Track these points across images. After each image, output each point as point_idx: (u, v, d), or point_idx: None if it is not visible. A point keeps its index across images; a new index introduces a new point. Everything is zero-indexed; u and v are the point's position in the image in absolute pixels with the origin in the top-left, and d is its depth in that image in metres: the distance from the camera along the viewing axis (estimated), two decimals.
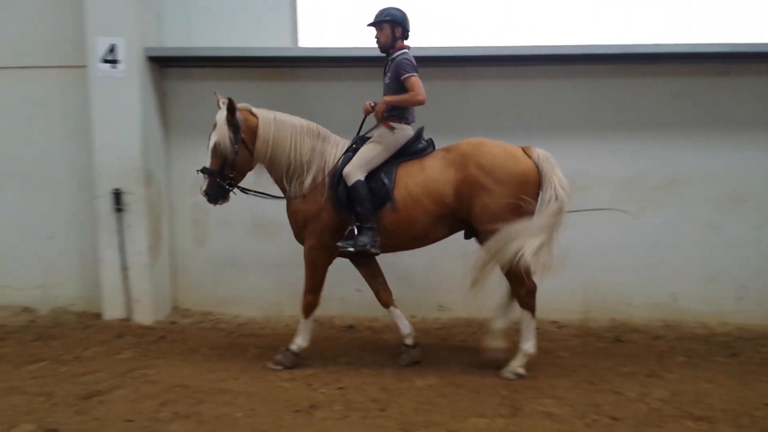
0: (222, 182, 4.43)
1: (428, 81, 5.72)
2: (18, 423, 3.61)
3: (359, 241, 4.29)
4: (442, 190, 4.33)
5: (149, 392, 4.05)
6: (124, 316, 5.62)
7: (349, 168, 4.37)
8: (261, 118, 4.48)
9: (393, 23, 4.48)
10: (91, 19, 5.29)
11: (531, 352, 4.42)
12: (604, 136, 5.76)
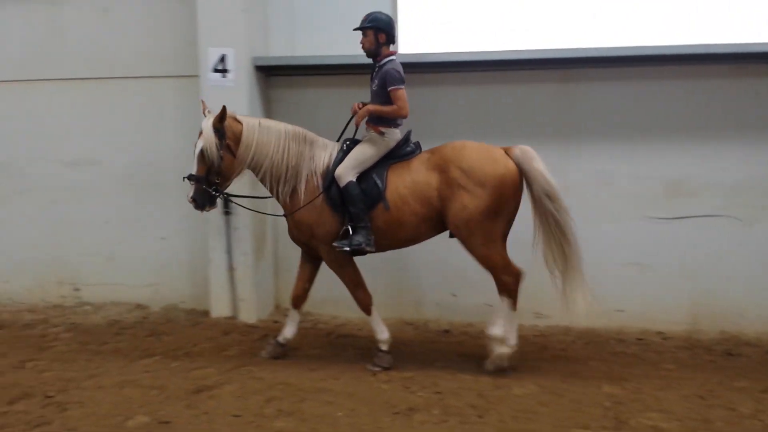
0: (208, 188, 4.52)
1: (526, 84, 5.64)
2: (133, 415, 3.83)
3: (354, 241, 4.43)
4: (427, 192, 4.47)
5: (255, 388, 4.21)
6: (230, 315, 5.86)
7: (341, 170, 4.50)
8: (245, 124, 4.59)
9: (376, 29, 4.54)
10: (203, 31, 5.57)
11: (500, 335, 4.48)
12: (713, 138, 5.49)
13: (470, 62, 5.56)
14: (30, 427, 3.67)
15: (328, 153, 4.68)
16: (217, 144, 4.42)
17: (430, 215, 4.50)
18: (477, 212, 4.34)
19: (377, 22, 4.53)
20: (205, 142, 4.42)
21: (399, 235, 4.59)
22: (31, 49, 6.26)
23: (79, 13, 6.14)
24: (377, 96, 4.59)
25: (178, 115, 6.10)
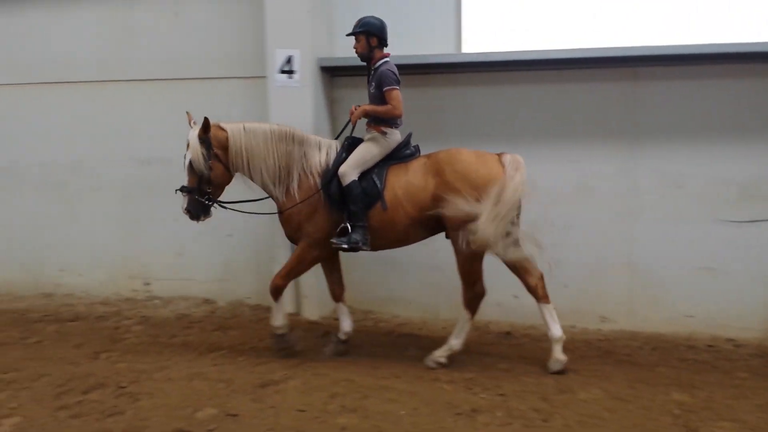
0: (201, 198, 4.58)
1: (593, 82, 5.53)
2: (202, 407, 3.94)
3: (352, 239, 4.50)
4: (421, 196, 4.54)
5: (319, 384, 4.27)
6: (294, 311, 5.96)
7: (345, 168, 4.55)
8: (229, 130, 4.64)
9: (368, 34, 4.65)
10: (271, 33, 5.68)
11: (457, 348, 4.68)
12: None
13: (534, 61, 5.50)
14: (104, 416, 3.82)
15: (324, 152, 4.75)
16: (204, 154, 4.50)
17: (421, 218, 4.57)
18: (471, 215, 4.38)
19: (368, 26, 4.66)
20: (192, 153, 4.50)
21: (391, 235, 4.67)
22: (105, 51, 6.51)
23: (151, 16, 6.36)
24: (375, 98, 4.68)
25: (245, 116, 6.19)
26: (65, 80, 6.54)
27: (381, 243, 4.72)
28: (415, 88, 5.85)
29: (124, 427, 3.67)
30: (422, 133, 5.81)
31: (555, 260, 5.63)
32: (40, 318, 6.00)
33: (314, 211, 4.64)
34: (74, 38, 6.54)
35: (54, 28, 6.58)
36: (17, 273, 6.82)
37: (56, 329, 5.63)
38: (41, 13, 6.58)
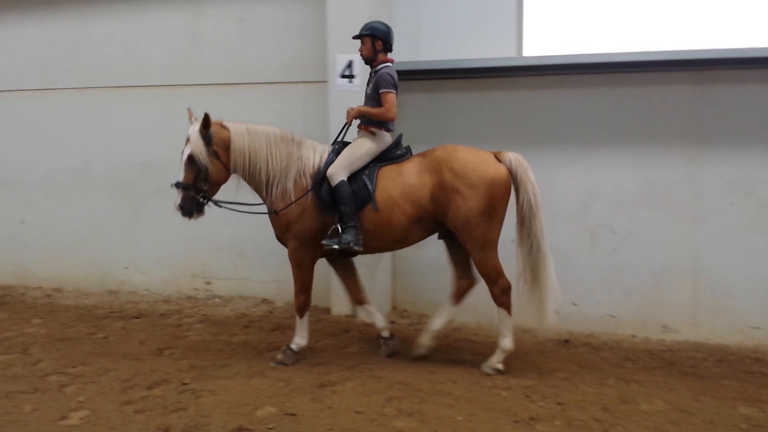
0: (196, 196, 4.57)
1: (657, 86, 5.42)
2: (262, 405, 4.00)
3: (343, 239, 4.49)
4: (419, 194, 4.56)
5: (375, 387, 4.29)
6: (350, 313, 6.02)
7: (333, 169, 4.58)
8: (233, 130, 4.64)
9: (374, 37, 4.73)
10: (332, 38, 5.76)
11: (509, 347, 4.63)
12: None
13: (597, 64, 5.41)
14: (167, 412, 3.93)
15: (318, 155, 4.78)
16: (205, 151, 4.50)
17: (421, 216, 4.60)
18: (472, 214, 4.45)
19: (374, 30, 4.74)
20: (194, 148, 4.47)
21: (387, 236, 4.67)
22: (171, 57, 6.71)
23: (217, 22, 6.52)
24: (371, 99, 4.75)
25: (306, 119, 6.34)
26: (135, 84, 6.77)
27: (377, 244, 4.74)
28: (475, 92, 5.85)
29: (188, 423, 3.76)
30: (480, 136, 5.83)
31: (616, 267, 5.58)
32: (106, 314, 6.21)
33: (303, 212, 4.65)
34: (144, 44, 6.77)
35: (125, 34, 6.82)
36: (85, 270, 7.08)
37: (122, 326, 5.82)
38: (113, 20, 6.84)
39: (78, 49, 6.98)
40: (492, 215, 4.49)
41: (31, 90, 7.14)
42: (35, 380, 4.46)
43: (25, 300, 6.83)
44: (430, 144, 5.18)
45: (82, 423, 3.80)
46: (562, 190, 5.69)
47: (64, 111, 6.96)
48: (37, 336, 5.51)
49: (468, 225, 4.47)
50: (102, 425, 3.76)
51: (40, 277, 7.27)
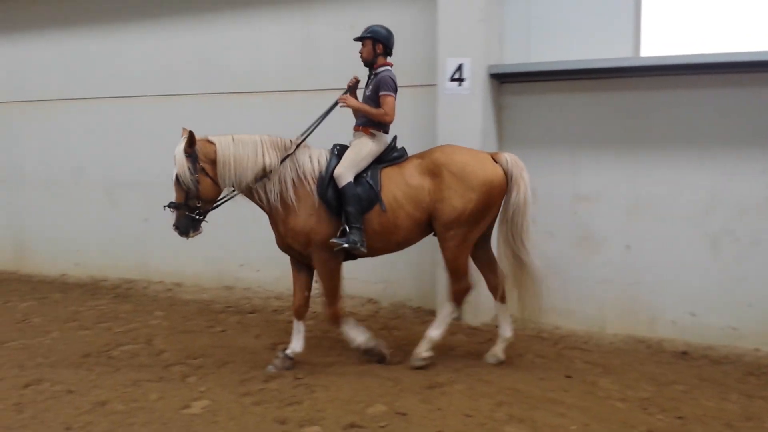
0: (191, 214, 4.50)
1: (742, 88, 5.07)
2: (373, 403, 4.09)
3: (350, 239, 4.45)
4: (420, 196, 4.58)
5: (484, 391, 4.28)
6: (455, 316, 5.99)
7: (340, 170, 4.54)
8: (218, 143, 4.55)
9: (375, 40, 4.74)
10: (442, 41, 5.77)
11: (436, 338, 4.76)
12: None
13: (720, 64, 5.13)
14: (283, 405, 4.08)
15: (315, 158, 4.71)
16: (190, 168, 4.41)
17: (423, 218, 4.62)
18: (465, 214, 4.52)
19: (375, 33, 4.76)
20: (178, 168, 4.42)
21: (392, 238, 4.66)
22: (286, 63, 6.95)
23: (329, 29, 6.69)
24: (370, 100, 4.74)
25: (413, 123, 6.38)
26: (251, 90, 7.06)
27: (382, 246, 4.73)
28: (590, 93, 5.71)
29: (303, 417, 3.90)
30: (595, 138, 5.69)
31: (739, 277, 5.29)
32: (223, 309, 6.52)
33: (319, 220, 4.59)
34: (260, 51, 7.04)
35: (243, 42, 7.13)
36: (203, 266, 7.45)
37: (237, 320, 6.10)
38: (232, 29, 7.16)
39: (198, 57, 7.36)
40: (481, 216, 4.60)
41: (155, 96, 7.60)
42: (159, 370, 4.76)
43: (148, 293, 7.27)
44: (546, 147, 5.14)
45: (204, 412, 4.01)
46: (682, 195, 5.45)
47: (184, 116, 7.33)
48: (160, 328, 5.86)
49: (455, 223, 4.54)
50: (222, 415, 3.95)
51: (161, 271, 7.72)
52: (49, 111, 8.29)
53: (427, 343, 4.77)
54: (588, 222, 5.83)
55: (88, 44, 7.97)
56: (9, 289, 7.51)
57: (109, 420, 3.88)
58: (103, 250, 7.99)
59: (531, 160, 5.96)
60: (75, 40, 8.05)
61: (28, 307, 6.65)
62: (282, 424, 3.81)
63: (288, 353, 4.78)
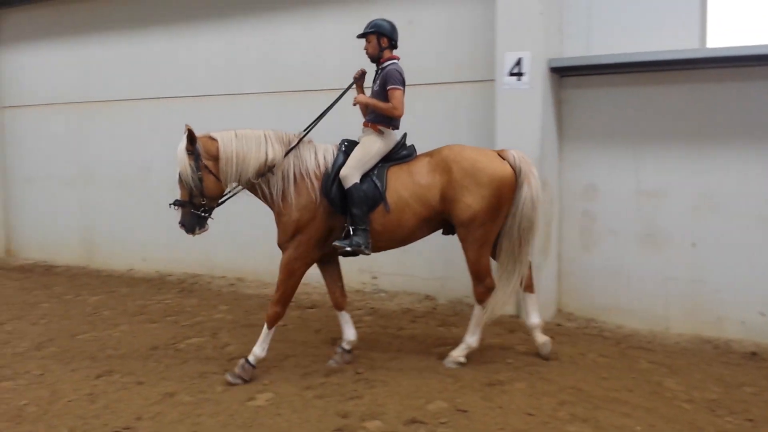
0: (196, 211, 4.46)
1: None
2: (433, 399, 4.11)
3: (354, 241, 4.40)
4: (429, 195, 4.54)
5: (545, 390, 4.24)
6: (514, 314, 5.97)
7: (347, 170, 4.46)
8: (221, 139, 4.49)
9: (379, 35, 4.68)
10: (501, 36, 5.73)
11: (474, 345, 4.74)
12: None
13: None
14: (344, 399, 4.14)
15: (321, 153, 4.65)
16: (192, 166, 4.37)
17: (430, 216, 4.59)
18: (481, 212, 4.47)
19: (379, 27, 4.68)
20: (180, 166, 4.41)
21: (395, 236, 4.63)
22: (344, 60, 6.98)
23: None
24: (377, 95, 4.68)
25: (472, 119, 6.37)
26: (311, 89, 7.15)
27: (384, 244, 4.69)
28: (655, 86, 5.58)
29: (364, 411, 3.95)
30: (660, 131, 5.56)
31: None
32: None
33: (313, 218, 4.52)
34: (320, 49, 7.13)
35: (304, 40, 7.22)
36: (263, 262, 7.59)
37: (298, 315, 6.20)
38: (294, 27, 7.27)
39: (263, 56, 7.49)
40: (497, 214, 4.55)
41: (220, 95, 7.79)
42: (224, 362, 4.89)
43: (212, 288, 7.47)
44: (608, 142, 5.03)
45: (268, 404, 4.11)
46: (751, 191, 5.27)
47: (248, 115, 7.49)
48: (224, 321, 6.01)
49: (474, 222, 4.49)
50: (286, 408, 4.04)
51: (224, 267, 7.92)
52: (118, 111, 8.60)
53: (464, 348, 4.76)
54: (652, 219, 5.70)
55: (155, 45, 8.23)
56: (80, 283, 7.83)
57: (178, 411, 4.02)
58: (168, 245, 8.23)
59: (592, 154, 5.91)
60: (143, 41, 8.32)
61: (98, 300, 6.92)
62: (344, 418, 3.87)
63: (344, 346, 4.83)
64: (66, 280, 8.02)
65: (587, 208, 6.00)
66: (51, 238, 9.17)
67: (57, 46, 9.01)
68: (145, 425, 3.84)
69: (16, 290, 7.43)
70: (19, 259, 9.45)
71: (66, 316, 6.26)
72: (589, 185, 5.96)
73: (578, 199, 6.03)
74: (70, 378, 4.61)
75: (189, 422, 3.86)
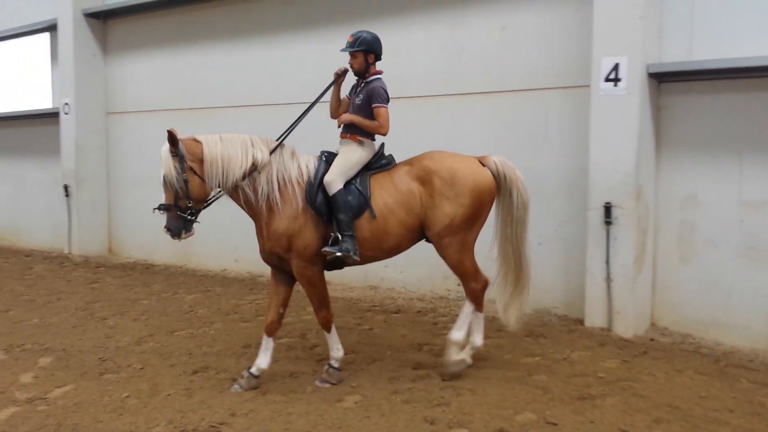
0: (183, 214, 4.37)
1: None
2: (521, 410, 4.06)
3: (344, 247, 4.36)
4: (412, 202, 4.53)
5: (639, 406, 4.11)
6: (605, 326, 5.79)
7: (330, 177, 4.44)
8: (205, 141, 4.44)
9: (366, 52, 4.64)
10: (598, 41, 5.61)
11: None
12: None
13: None
14: (431, 405, 4.15)
15: (303, 163, 4.59)
16: (177, 168, 4.32)
17: (415, 224, 4.57)
18: (458, 220, 4.49)
19: (366, 44, 4.63)
20: (165, 169, 4.34)
21: (383, 246, 4.59)
22: (433, 68, 7.03)
23: (479, 32, 6.70)
24: (360, 110, 4.64)
25: (563, 125, 6.26)
26: (397, 96, 7.16)
27: (373, 254, 4.64)
28: (762, 92, 5.31)
29: (451, 419, 3.94)
30: (765, 142, 5.28)
31: None
32: (369, 308, 6.71)
33: (303, 226, 4.46)
34: (406, 57, 7.15)
35: (389, 48, 7.25)
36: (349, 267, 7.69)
37: (383, 319, 6.26)
38: (382, 36, 7.30)
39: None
40: (475, 220, 4.58)
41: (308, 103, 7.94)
42: (314, 363, 5.00)
43: (300, 290, 7.58)
44: (709, 150, 4.82)
45: (356, 407, 4.17)
46: None
47: (333, 121, 7.60)
48: (312, 323, 6.12)
49: (450, 229, 4.51)
50: (374, 411, 4.08)
51: None
52: (215, 117, 8.92)
53: (452, 347, 4.66)
54: (755, 231, 5.43)
55: (253, 53, 8.50)
56: (177, 282, 8.19)
57: (270, 408, 4.13)
58: None
59: (692, 163, 5.69)
60: (241, 49, 8.61)
61: (193, 299, 7.22)
62: (431, 425, 3.87)
63: (253, 371, 4.56)
64: (164, 278, 8.41)
65: (686, 219, 5.78)
66: (150, 238, 9.62)
67: (158, 55, 9.49)
68: (240, 421, 3.96)
69: (117, 287, 7.84)
70: (121, 257, 9.97)
71: (164, 314, 6.56)
72: (688, 195, 5.73)
73: (676, 209, 5.82)
74: (168, 373, 4.83)
75: (281, 420, 3.97)
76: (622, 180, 5.57)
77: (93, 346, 5.47)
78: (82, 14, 9.72)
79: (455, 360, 4.63)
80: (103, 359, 5.14)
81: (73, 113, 9.77)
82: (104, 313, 6.60)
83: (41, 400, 4.31)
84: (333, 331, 4.68)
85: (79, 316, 6.48)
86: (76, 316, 6.44)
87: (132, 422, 3.99)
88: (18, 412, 4.13)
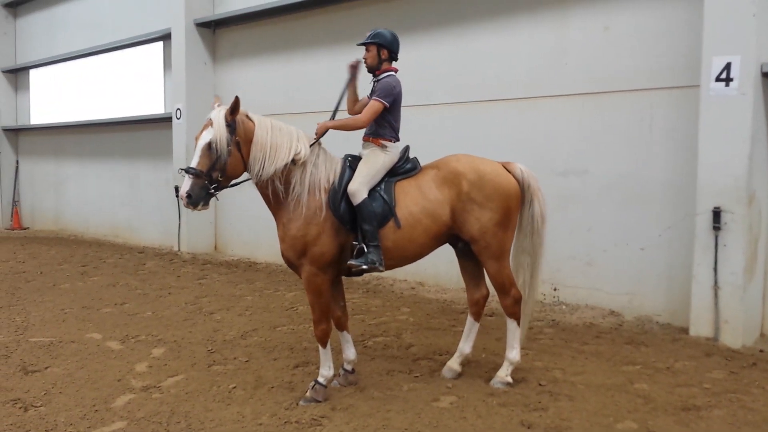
0: (209, 185, 4.19)
1: None
2: (622, 419, 3.98)
3: (369, 258, 4.23)
4: (440, 210, 4.43)
5: (748, 419, 3.95)
6: (711, 336, 5.56)
7: (355, 186, 4.29)
8: (257, 122, 4.30)
9: (379, 45, 4.52)
10: (709, 40, 5.41)
11: (516, 359, 4.60)
12: None
13: None
14: (528, 410, 4.14)
15: (332, 168, 4.44)
16: (227, 138, 4.13)
17: (441, 231, 4.48)
18: (491, 224, 4.41)
19: (380, 38, 4.53)
20: (215, 134, 4.11)
21: (406, 253, 4.49)
22: (535, 69, 6.95)
23: (582, 33, 6.58)
24: None
25: (668, 127, 6.06)
26: (498, 98, 7.19)
27: (394, 262, 4.52)
28: None
29: (549, 424, 3.92)
30: None
31: None
32: (463, 310, 6.70)
33: (321, 233, 4.29)
34: (509, 58, 7.13)
35: (492, 49, 7.26)
36: (444, 268, 7.73)
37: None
38: (484, 36, 7.33)
39: (453, 66, 7.61)
40: (507, 225, 4.49)
41: (412, 106, 8.04)
42: (409, 362, 5.09)
43: (394, 290, 7.76)
44: None
45: (452, 407, 4.22)
46: None
47: (436, 125, 7.67)
48: (407, 323, 6.24)
49: (485, 235, 4.42)
50: (470, 412, 4.12)
51: (405, 270, 8.11)
52: (319, 120, 9.13)
53: (508, 366, 4.60)
54: None
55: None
56: (278, 279, 8.51)
57: (368, 405, 4.25)
58: None
59: None
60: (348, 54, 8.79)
61: (293, 296, 7.47)
62: (528, 429, 3.87)
63: (346, 367, 4.69)
64: (265, 276, 8.75)
65: None
66: (252, 237, 10.03)
67: (264, 62, 9.87)
68: (340, 416, 4.10)
69: (223, 284, 8.23)
70: (225, 255, 10.45)
71: (267, 309, 6.84)
72: None
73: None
74: (272, 366, 5.05)
75: (379, 416, 4.07)
76: (733, 184, 5.33)
77: (202, 338, 5.79)
78: (193, 24, 10.25)
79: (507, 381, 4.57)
80: (212, 351, 5.43)
81: (185, 118, 10.31)
82: (211, 307, 6.95)
83: (155, 389, 4.61)
84: (328, 347, 4.49)
85: (189, 310, 6.86)
86: (186, 310, 6.83)
87: (239, 412, 4.20)
88: (134, 399, 4.43)
